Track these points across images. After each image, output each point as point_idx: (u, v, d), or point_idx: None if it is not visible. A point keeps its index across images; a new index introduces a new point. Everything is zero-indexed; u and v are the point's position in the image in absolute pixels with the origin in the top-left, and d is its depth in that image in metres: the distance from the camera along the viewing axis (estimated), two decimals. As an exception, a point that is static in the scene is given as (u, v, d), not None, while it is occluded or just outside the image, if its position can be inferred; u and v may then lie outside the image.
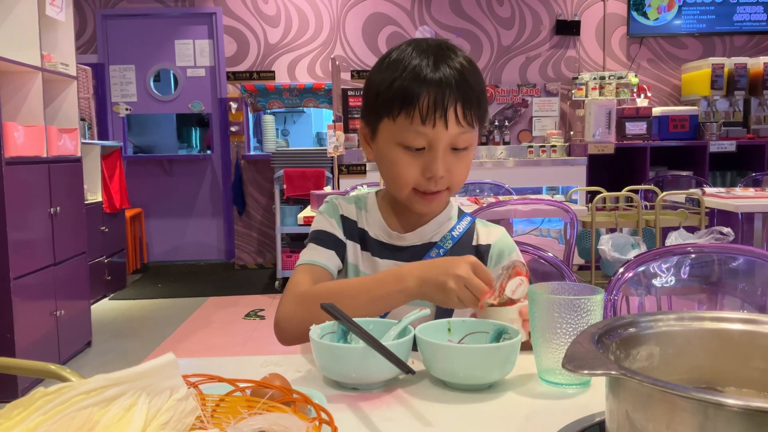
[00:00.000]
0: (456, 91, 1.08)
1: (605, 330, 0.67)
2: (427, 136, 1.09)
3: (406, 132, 1.10)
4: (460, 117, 1.09)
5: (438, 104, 1.07)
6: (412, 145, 1.10)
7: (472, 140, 1.14)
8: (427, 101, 1.07)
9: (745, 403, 0.50)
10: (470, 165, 1.18)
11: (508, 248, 1.26)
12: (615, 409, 0.60)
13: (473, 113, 1.10)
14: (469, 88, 1.09)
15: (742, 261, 1.52)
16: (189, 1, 6.17)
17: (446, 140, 1.10)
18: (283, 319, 1.13)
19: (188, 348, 3.89)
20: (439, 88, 1.07)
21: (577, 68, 6.23)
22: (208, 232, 6.51)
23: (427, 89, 1.07)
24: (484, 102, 1.13)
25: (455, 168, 1.13)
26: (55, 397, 0.57)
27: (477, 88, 1.11)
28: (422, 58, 1.09)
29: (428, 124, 1.08)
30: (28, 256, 3.19)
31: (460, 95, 1.08)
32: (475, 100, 1.10)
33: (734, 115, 5.84)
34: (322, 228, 1.24)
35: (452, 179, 1.14)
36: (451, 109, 1.08)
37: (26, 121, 3.31)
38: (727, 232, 2.97)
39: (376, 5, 6.18)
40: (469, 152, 1.15)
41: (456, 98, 1.08)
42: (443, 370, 0.92)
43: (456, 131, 1.09)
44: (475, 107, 1.10)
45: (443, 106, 1.07)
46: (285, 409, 0.67)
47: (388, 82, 1.10)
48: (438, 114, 1.07)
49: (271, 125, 6.44)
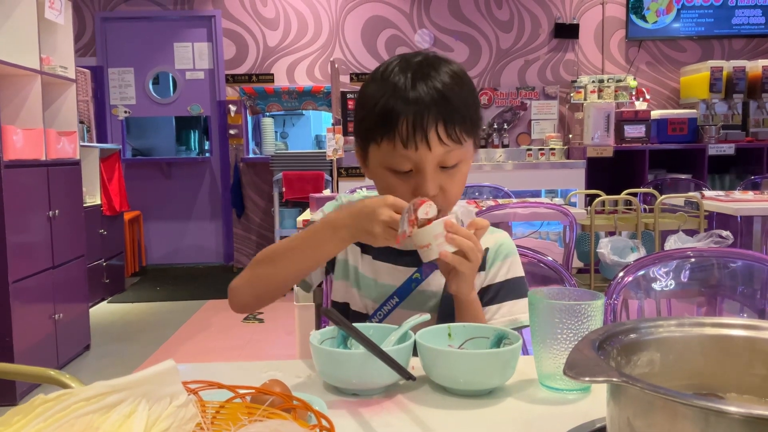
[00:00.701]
0: (436, 111, 1.05)
1: (606, 336, 0.67)
2: (411, 159, 1.07)
3: (391, 157, 1.09)
4: (443, 137, 1.06)
5: (417, 127, 1.05)
6: (399, 168, 1.09)
7: (463, 156, 1.11)
8: (406, 125, 1.05)
9: (747, 410, 0.50)
10: (465, 180, 1.14)
11: (506, 251, 1.23)
12: (616, 416, 0.60)
13: (458, 130, 1.07)
14: (450, 105, 1.06)
15: (741, 264, 1.52)
16: (188, 4, 6.18)
17: (432, 161, 1.07)
18: (233, 285, 1.17)
19: (187, 351, 3.88)
20: (417, 109, 1.05)
21: (576, 71, 6.23)
22: (207, 235, 6.51)
23: (405, 112, 1.05)
24: (473, 115, 1.10)
25: (448, 186, 1.11)
26: (55, 404, 0.57)
27: (461, 104, 1.07)
28: (402, 77, 1.08)
29: (410, 148, 1.06)
30: (26, 260, 3.19)
31: (441, 115, 1.05)
32: (459, 116, 1.07)
33: (733, 118, 5.85)
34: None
35: (446, 198, 1.11)
36: (432, 130, 1.05)
37: (25, 124, 3.31)
38: (726, 235, 2.97)
39: (375, 8, 6.19)
40: (461, 168, 1.12)
41: (436, 118, 1.05)
42: (443, 376, 0.92)
43: (441, 151, 1.07)
44: (459, 123, 1.07)
45: (423, 128, 1.05)
46: (285, 416, 0.66)
47: (370, 106, 1.10)
48: (419, 137, 1.05)
49: (270, 128, 6.44)
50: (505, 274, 1.22)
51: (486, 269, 1.22)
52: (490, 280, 1.22)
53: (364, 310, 1.22)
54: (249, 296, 1.16)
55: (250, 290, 1.16)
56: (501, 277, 1.22)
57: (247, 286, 1.15)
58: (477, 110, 1.13)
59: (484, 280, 1.22)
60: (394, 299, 1.17)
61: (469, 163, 1.14)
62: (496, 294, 1.21)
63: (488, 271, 1.22)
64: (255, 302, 1.17)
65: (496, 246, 1.24)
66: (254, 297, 1.16)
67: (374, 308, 1.19)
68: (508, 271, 1.22)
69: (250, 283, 1.15)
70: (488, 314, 1.19)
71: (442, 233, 1.00)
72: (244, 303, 1.17)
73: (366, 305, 1.22)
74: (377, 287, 1.21)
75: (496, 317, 1.19)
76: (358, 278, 1.23)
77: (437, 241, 1.01)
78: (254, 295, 1.16)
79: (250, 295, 1.16)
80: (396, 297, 1.17)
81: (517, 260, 1.24)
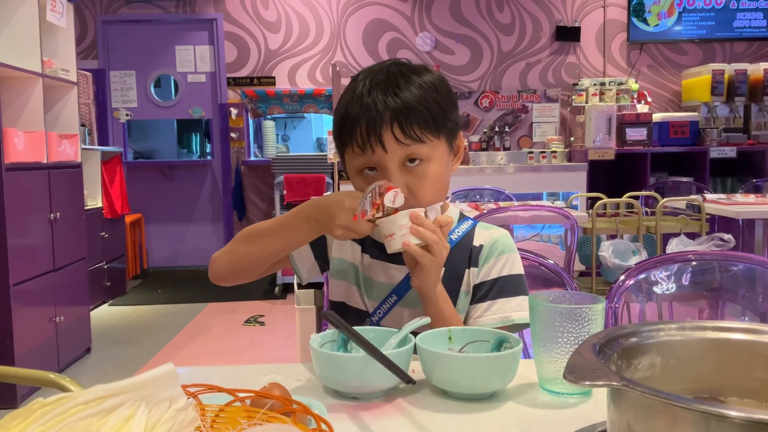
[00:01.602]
0: (389, 114, 1.06)
1: (606, 340, 0.67)
2: (372, 160, 1.10)
3: (356, 159, 1.12)
4: (399, 136, 1.07)
5: (371, 130, 1.07)
6: (362, 167, 1.12)
7: (429, 154, 1.10)
8: (360, 129, 1.08)
9: (748, 414, 0.49)
10: (439, 181, 1.13)
11: (502, 247, 1.22)
12: (616, 420, 0.60)
13: (415, 128, 1.07)
14: (403, 104, 1.07)
15: (743, 268, 1.51)
16: (190, 7, 6.19)
17: (394, 160, 1.08)
18: (215, 256, 1.23)
19: (188, 354, 3.88)
20: (371, 113, 1.07)
21: (578, 74, 6.24)
22: (208, 237, 6.51)
23: (360, 117, 1.08)
24: (436, 113, 1.09)
25: (416, 186, 1.10)
26: (54, 407, 0.57)
27: (419, 104, 1.08)
28: (362, 84, 1.11)
29: (367, 151, 1.09)
30: (27, 262, 3.19)
31: (395, 115, 1.06)
32: (415, 114, 1.07)
33: (734, 121, 5.84)
34: None
35: (418, 199, 1.11)
36: (386, 130, 1.07)
37: (26, 126, 3.31)
38: (728, 238, 2.97)
39: (376, 11, 6.19)
40: (431, 167, 1.11)
41: (391, 119, 1.06)
42: (444, 379, 0.91)
43: (400, 150, 1.08)
44: (417, 121, 1.07)
45: (376, 131, 1.07)
46: (285, 420, 0.66)
47: (335, 115, 1.16)
48: (372, 139, 1.07)
49: (271, 131, 6.44)
50: (499, 271, 1.20)
51: (479, 266, 1.21)
52: (483, 277, 1.20)
53: (364, 307, 1.22)
54: (226, 269, 1.21)
55: (227, 264, 1.21)
56: (494, 274, 1.20)
57: (226, 260, 1.21)
58: (444, 112, 1.11)
59: (477, 277, 1.21)
60: (393, 298, 1.18)
61: (440, 162, 1.13)
62: (488, 291, 1.19)
63: (481, 268, 1.21)
64: (230, 276, 1.22)
65: (491, 243, 1.22)
66: (230, 270, 1.21)
67: (373, 306, 1.20)
68: (502, 268, 1.20)
69: (229, 257, 1.21)
70: (477, 312, 1.18)
71: (407, 224, 1.02)
72: (220, 274, 1.22)
73: (366, 303, 1.22)
74: (376, 286, 1.21)
75: (486, 315, 1.17)
76: (359, 277, 1.23)
77: (401, 231, 1.02)
78: (231, 269, 1.21)
79: (226, 268, 1.21)
80: (394, 295, 1.18)
81: (514, 257, 1.23)
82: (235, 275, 1.21)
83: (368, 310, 1.22)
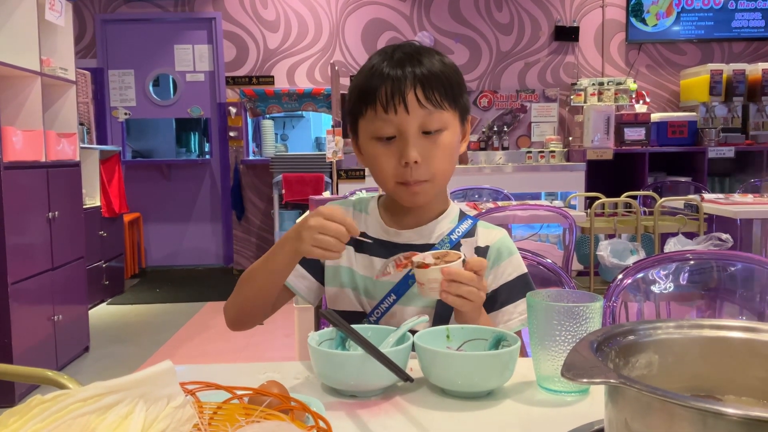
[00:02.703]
0: (413, 77, 1.11)
1: (604, 338, 0.67)
2: (393, 123, 1.12)
3: (374, 124, 1.14)
4: (422, 99, 1.11)
5: (395, 91, 1.11)
6: (382, 134, 1.14)
7: (446, 123, 1.14)
8: (385, 91, 1.11)
9: (745, 412, 0.50)
10: (452, 153, 1.17)
11: (507, 250, 1.24)
12: (614, 418, 0.60)
13: (437, 94, 1.12)
14: (428, 72, 1.11)
15: (741, 267, 1.52)
16: (188, 6, 6.18)
17: (414, 124, 1.12)
18: (225, 306, 1.24)
19: (186, 353, 3.88)
20: (395, 77, 1.11)
21: (576, 74, 6.24)
22: (206, 236, 6.51)
23: (384, 81, 1.12)
24: (454, 84, 1.15)
25: (431, 154, 1.13)
26: (51, 404, 0.57)
27: (440, 72, 1.12)
28: (380, 59, 1.15)
29: (390, 112, 1.11)
30: (25, 261, 3.19)
31: (418, 79, 1.11)
32: (437, 82, 1.12)
33: (733, 121, 5.85)
34: None
35: (430, 167, 1.14)
36: (410, 92, 1.10)
37: (25, 125, 3.31)
38: (726, 238, 2.97)
39: (375, 11, 6.19)
40: (445, 137, 1.14)
41: (413, 82, 1.11)
42: (441, 377, 0.91)
43: (421, 114, 1.11)
44: (438, 88, 1.12)
45: (401, 92, 1.10)
46: (283, 417, 0.66)
47: (353, 88, 1.18)
48: (397, 100, 1.11)
49: (270, 130, 6.44)
50: (511, 273, 1.22)
51: (491, 267, 1.22)
52: (500, 281, 1.22)
53: (360, 308, 1.22)
54: (235, 314, 1.22)
55: (234, 309, 1.22)
56: (508, 276, 1.22)
57: (233, 306, 1.22)
58: (460, 87, 1.17)
59: (492, 282, 1.21)
60: (392, 297, 1.18)
61: (454, 135, 1.16)
62: (509, 294, 1.21)
63: (494, 271, 1.22)
64: (240, 321, 1.23)
65: (498, 244, 1.24)
66: (239, 315, 1.22)
67: (372, 305, 1.20)
68: (514, 269, 1.23)
69: (234, 302, 1.21)
70: (505, 316, 1.19)
71: (438, 279, 1.01)
72: (233, 321, 1.23)
73: (363, 303, 1.22)
74: (375, 284, 1.21)
75: (514, 317, 1.19)
76: (354, 278, 1.23)
77: (432, 285, 1.02)
78: (238, 313, 1.22)
79: (235, 313, 1.22)
80: (393, 294, 1.18)
81: (519, 256, 1.25)
82: (245, 319, 1.22)
83: (365, 310, 1.21)
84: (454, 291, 1.01)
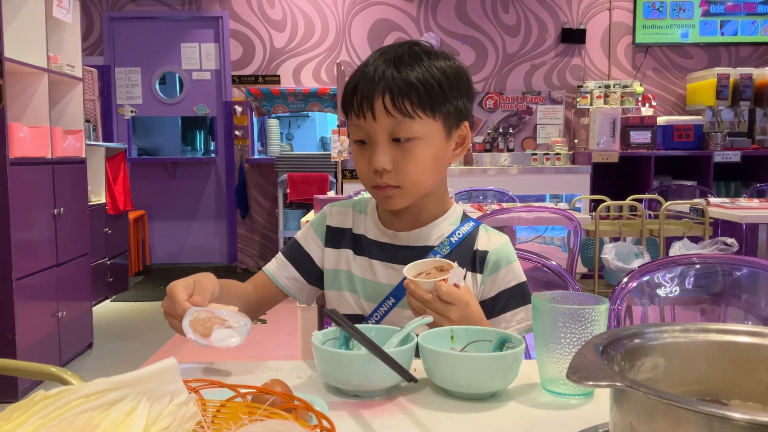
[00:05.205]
0: (384, 84, 1.09)
1: (610, 341, 0.67)
2: (363, 129, 1.12)
3: (351, 126, 1.15)
4: (389, 107, 1.08)
5: (365, 97, 1.10)
6: (356, 138, 1.15)
7: (419, 132, 1.10)
8: (358, 96, 1.11)
9: (752, 417, 0.49)
10: (427, 163, 1.12)
11: (506, 258, 1.20)
12: (619, 421, 0.59)
13: (407, 102, 1.08)
14: (402, 79, 1.08)
15: (746, 272, 1.51)
16: (196, 5, 6.19)
17: (381, 131, 1.10)
18: None
19: (190, 351, 3.88)
20: (371, 82, 1.10)
21: (582, 76, 6.23)
22: (211, 235, 6.52)
23: (361, 85, 1.11)
24: (437, 92, 1.10)
25: (401, 162, 1.11)
26: (55, 400, 0.57)
27: (420, 79, 1.09)
28: (373, 59, 1.14)
29: (360, 117, 1.11)
30: (30, 257, 3.19)
31: (389, 87, 1.08)
32: (412, 90, 1.08)
33: (739, 125, 5.83)
34: (298, 239, 1.30)
35: (400, 175, 1.11)
36: (378, 100, 1.09)
37: (31, 121, 3.32)
38: (731, 242, 2.96)
39: (381, 11, 6.19)
40: (417, 146, 1.10)
41: (383, 90, 1.08)
42: (445, 378, 0.91)
43: (388, 122, 1.09)
44: (410, 96, 1.08)
45: (369, 98, 1.09)
46: (286, 416, 0.66)
47: (345, 86, 1.18)
48: (366, 106, 1.10)
49: (275, 129, 6.45)
50: (510, 281, 1.19)
51: (489, 274, 1.20)
52: (498, 288, 1.19)
53: (360, 311, 1.21)
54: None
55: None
56: (508, 283, 1.19)
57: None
58: (447, 94, 1.12)
59: (489, 289, 1.20)
60: (390, 300, 1.17)
61: (431, 145, 1.12)
62: (507, 301, 1.19)
63: (494, 277, 1.20)
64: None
65: (497, 250, 1.21)
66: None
67: (371, 309, 1.19)
68: (514, 276, 1.20)
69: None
70: (503, 323, 1.17)
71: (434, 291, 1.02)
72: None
73: (362, 307, 1.21)
74: (375, 287, 1.20)
75: (512, 324, 1.17)
76: (353, 281, 1.22)
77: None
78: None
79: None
80: (392, 298, 1.17)
81: (519, 264, 1.23)
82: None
83: (363, 313, 1.20)
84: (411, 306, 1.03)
